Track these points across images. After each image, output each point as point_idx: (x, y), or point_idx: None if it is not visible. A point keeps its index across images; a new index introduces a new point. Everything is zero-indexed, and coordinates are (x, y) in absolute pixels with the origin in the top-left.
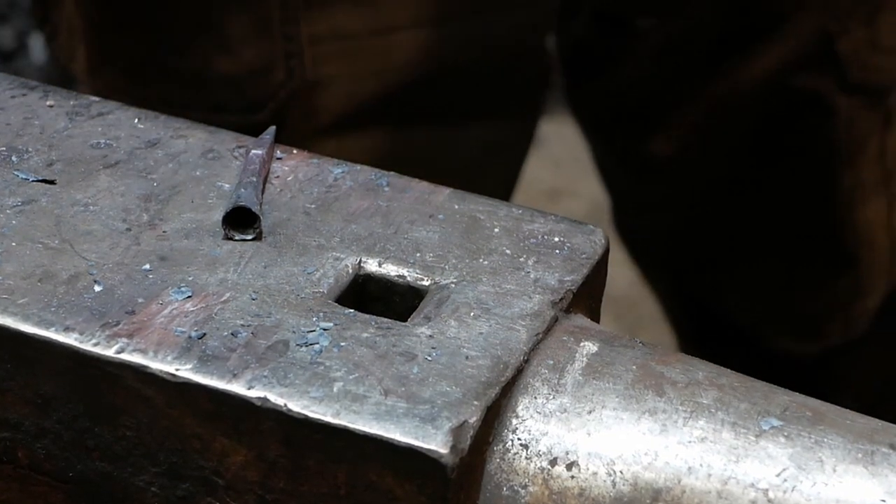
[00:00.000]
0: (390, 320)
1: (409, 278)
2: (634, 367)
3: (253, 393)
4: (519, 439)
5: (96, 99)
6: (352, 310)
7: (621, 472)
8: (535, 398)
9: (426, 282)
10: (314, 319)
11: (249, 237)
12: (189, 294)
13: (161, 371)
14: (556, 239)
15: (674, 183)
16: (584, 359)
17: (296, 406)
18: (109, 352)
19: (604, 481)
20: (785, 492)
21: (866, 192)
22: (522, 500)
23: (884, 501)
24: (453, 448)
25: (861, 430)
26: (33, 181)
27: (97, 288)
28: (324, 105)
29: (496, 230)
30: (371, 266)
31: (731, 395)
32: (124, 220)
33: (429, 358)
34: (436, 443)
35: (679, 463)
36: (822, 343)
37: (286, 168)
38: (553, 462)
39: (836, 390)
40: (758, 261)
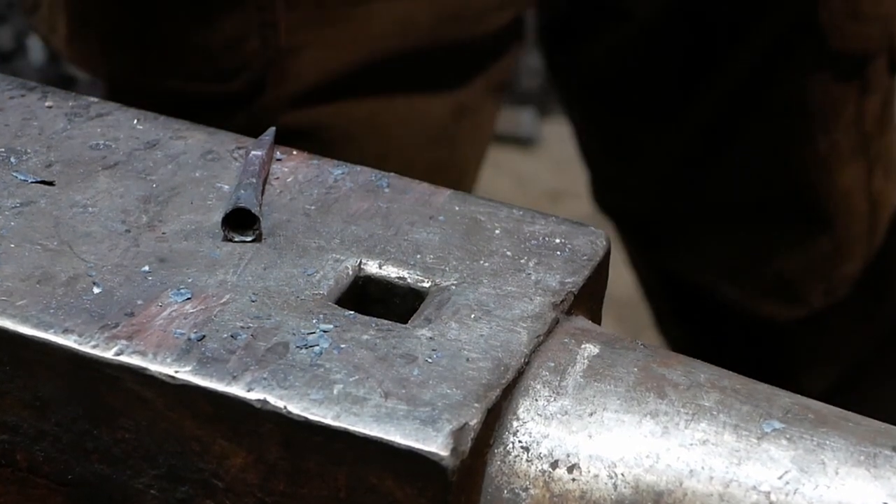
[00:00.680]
0: (390, 322)
1: (410, 280)
2: (636, 370)
3: (253, 395)
4: (520, 442)
5: (95, 100)
6: (352, 312)
7: (623, 475)
8: (536, 400)
9: (426, 283)
10: (314, 321)
11: (249, 239)
12: (188, 296)
13: (160, 373)
14: (557, 240)
15: (650, 151)
16: (586, 361)
17: (296, 408)
18: (108, 354)
19: (605, 484)
20: (787, 494)
21: (843, 157)
22: (523, 503)
23: None
24: (454, 451)
25: (863, 433)
26: (32, 182)
27: (96, 290)
28: (299, 74)
29: (497, 232)
30: (371, 268)
31: (733, 398)
32: (123, 222)
33: (429, 360)
34: (436, 445)
35: (681, 465)
36: (803, 308)
37: (286, 169)
38: (554, 465)
39: (818, 356)
40: (736, 227)
